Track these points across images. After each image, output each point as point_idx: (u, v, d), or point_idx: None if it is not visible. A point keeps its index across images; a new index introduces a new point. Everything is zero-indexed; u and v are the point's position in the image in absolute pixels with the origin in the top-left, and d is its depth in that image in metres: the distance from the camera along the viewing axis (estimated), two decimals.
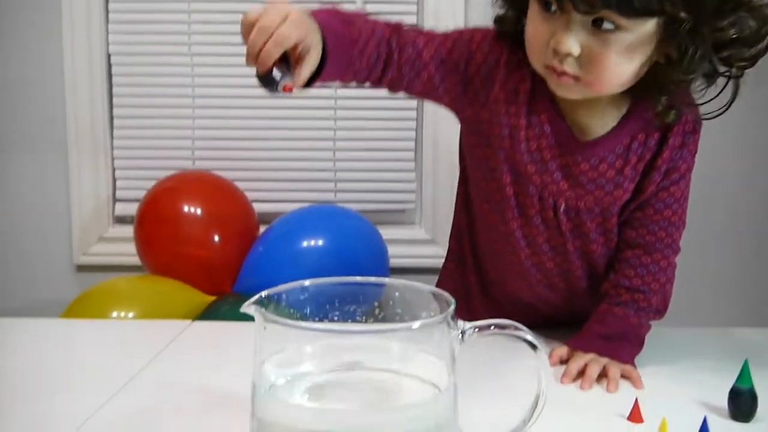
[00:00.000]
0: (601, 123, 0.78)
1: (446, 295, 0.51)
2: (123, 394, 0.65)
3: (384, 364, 0.51)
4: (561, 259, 0.83)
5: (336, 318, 0.56)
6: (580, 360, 0.73)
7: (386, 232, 1.56)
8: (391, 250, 1.54)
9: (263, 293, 0.51)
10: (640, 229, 0.80)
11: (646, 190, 0.79)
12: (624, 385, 0.72)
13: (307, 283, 0.55)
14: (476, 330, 0.49)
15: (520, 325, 0.49)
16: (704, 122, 0.78)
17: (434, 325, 0.47)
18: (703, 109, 0.76)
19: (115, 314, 1.21)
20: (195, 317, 1.22)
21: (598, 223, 0.81)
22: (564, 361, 0.76)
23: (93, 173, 1.71)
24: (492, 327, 0.49)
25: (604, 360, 0.74)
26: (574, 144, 0.78)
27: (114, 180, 1.73)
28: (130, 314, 1.22)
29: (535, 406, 0.49)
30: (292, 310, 0.54)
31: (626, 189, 0.79)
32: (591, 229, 0.80)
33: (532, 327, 0.51)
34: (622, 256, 0.81)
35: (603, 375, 0.72)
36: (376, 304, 0.60)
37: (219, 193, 1.50)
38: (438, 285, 0.95)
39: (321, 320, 0.55)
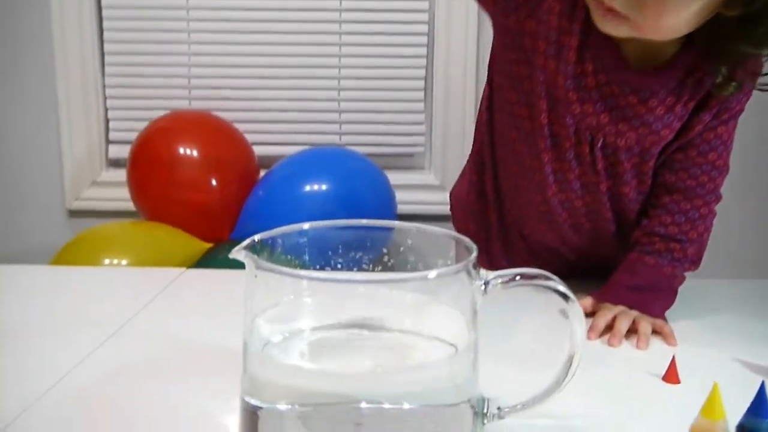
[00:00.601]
0: (656, 54, 0.70)
1: (466, 240, 0.44)
2: (109, 345, 0.61)
3: (394, 319, 0.45)
4: (591, 199, 0.76)
5: (339, 266, 0.50)
6: (607, 313, 0.68)
7: (394, 177, 1.50)
8: (399, 196, 1.48)
9: (256, 237, 0.45)
10: (680, 173, 0.74)
11: (692, 129, 0.72)
12: (655, 341, 0.66)
13: (306, 226, 0.49)
14: (501, 280, 0.42)
15: (550, 275, 0.43)
16: None
17: (453, 275, 0.41)
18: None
19: (107, 261, 1.16)
20: (191, 265, 1.16)
21: (634, 164, 0.74)
22: (588, 315, 0.71)
23: (84, 114, 1.64)
24: (518, 277, 0.43)
25: (634, 313, 0.68)
26: (624, 73, 0.70)
27: (107, 121, 1.66)
28: (123, 262, 1.17)
29: (569, 366, 0.43)
30: (289, 257, 0.47)
31: (673, 129, 0.72)
32: (626, 169, 0.74)
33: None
34: (659, 201, 0.75)
35: (632, 330, 0.67)
36: (385, 250, 0.54)
37: (217, 135, 1.44)
38: (455, 223, 0.90)
39: (322, 269, 0.49)
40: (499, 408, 0.44)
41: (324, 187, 1.30)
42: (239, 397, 0.43)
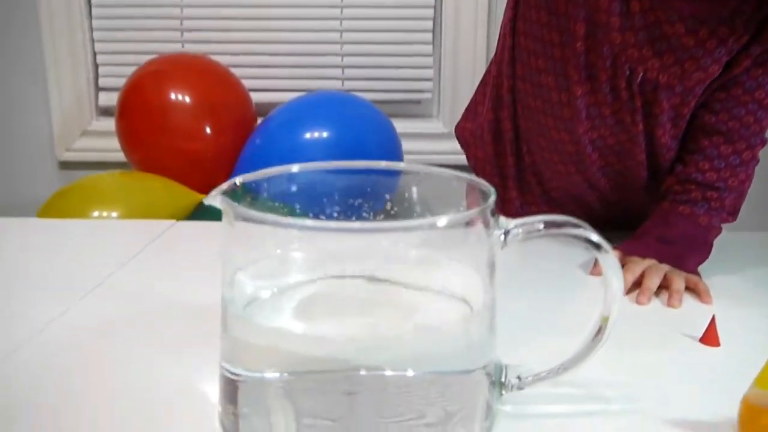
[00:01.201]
0: None
1: (482, 182, 0.38)
2: (86, 302, 0.57)
3: (398, 274, 0.39)
4: (625, 137, 0.70)
5: (336, 215, 0.44)
6: (636, 267, 0.62)
7: (400, 125, 1.42)
8: (406, 145, 1.41)
9: (237, 180, 0.39)
10: (721, 114, 0.67)
11: (739, 65, 0.64)
12: (687, 299, 0.60)
13: (296, 168, 0.43)
14: (523, 229, 0.36)
15: (579, 221, 0.37)
16: None
17: (468, 223, 0.35)
18: None
19: (96, 214, 1.11)
20: (184, 217, 1.11)
21: (673, 105, 0.67)
22: None
23: (71, 59, 1.56)
24: (543, 225, 0.37)
25: (665, 267, 0.62)
26: None
27: (96, 66, 1.58)
28: (113, 214, 1.11)
29: (603, 328, 0.37)
30: (276, 205, 0.42)
31: (722, 65, 0.64)
32: (663, 110, 0.67)
33: None
34: (696, 145, 0.68)
35: (663, 286, 0.61)
36: (388, 197, 0.48)
37: (211, 80, 1.36)
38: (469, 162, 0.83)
39: (315, 218, 0.43)
40: (519, 377, 0.39)
41: (325, 134, 1.23)
42: (219, 364, 0.38)
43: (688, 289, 0.61)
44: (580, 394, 0.42)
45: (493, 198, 0.36)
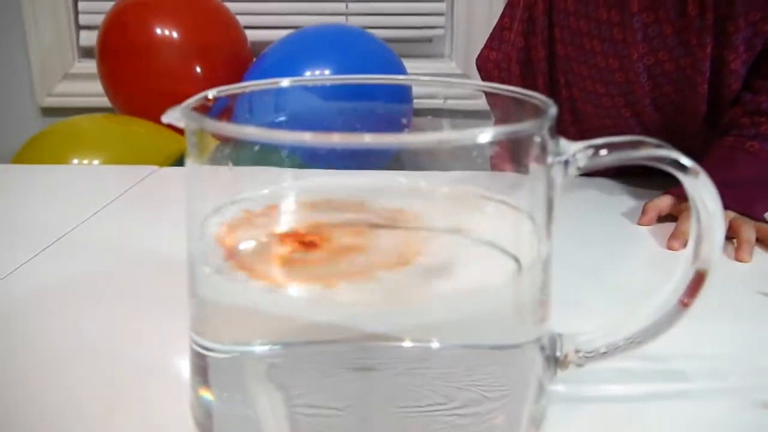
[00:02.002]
0: None
1: (535, 96, 0.29)
2: (53, 250, 0.51)
3: (423, 218, 0.30)
4: (688, 62, 0.60)
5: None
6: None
7: (410, 66, 1.32)
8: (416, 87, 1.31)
9: (208, 93, 0.30)
10: None
11: None
12: (758, 252, 0.51)
13: (285, 83, 0.34)
14: (592, 152, 0.27)
15: (661, 142, 0.28)
16: None
17: (518, 141, 0.25)
18: None
19: (75, 161, 1.02)
20: (171, 164, 1.02)
21: (752, 21, 0.57)
22: (666, 218, 0.56)
23: None
24: (612, 147, 0.27)
25: (730, 215, 0.53)
26: None
27: (75, 2, 1.47)
28: (95, 161, 1.02)
29: (697, 286, 0.28)
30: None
31: None
32: (740, 28, 0.57)
33: None
34: None
35: (728, 236, 0.52)
36: (404, 122, 0.40)
37: (202, 15, 1.26)
38: None
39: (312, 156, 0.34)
40: (578, 351, 0.30)
41: (327, 72, 1.13)
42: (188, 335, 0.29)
43: (758, 240, 0.52)
44: (653, 371, 0.34)
45: (553, 110, 0.26)
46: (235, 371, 0.27)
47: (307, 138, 0.24)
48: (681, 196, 0.57)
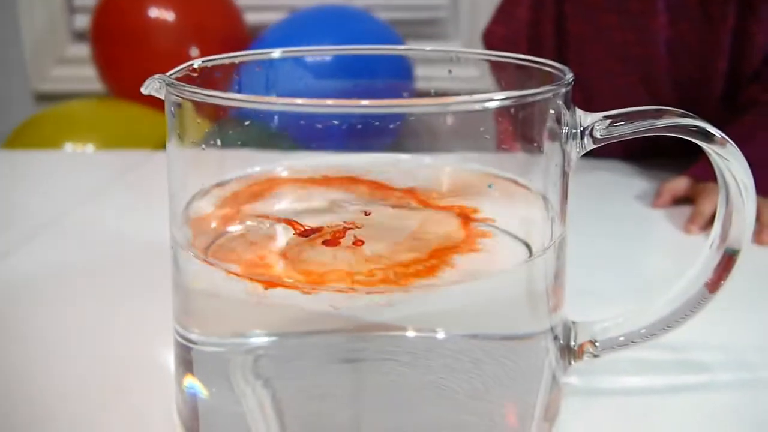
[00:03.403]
0: None
1: (549, 63, 0.27)
2: (42, 238, 0.49)
3: (430, 193, 0.28)
4: (709, 34, 0.57)
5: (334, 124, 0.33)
6: (713, 196, 0.50)
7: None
8: (419, 70, 1.28)
9: (193, 62, 0.29)
10: None
11: None
12: None
13: (277, 53, 0.32)
14: (610, 123, 0.25)
15: (682, 111, 0.25)
16: None
17: (532, 108, 0.23)
18: None
19: (69, 145, 1.00)
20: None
21: None
22: (683, 201, 0.54)
23: None
24: (635, 117, 0.25)
25: None
26: None
27: None
28: (88, 147, 1.01)
29: (726, 269, 0.26)
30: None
31: None
32: None
33: None
34: None
35: None
36: (406, 96, 0.38)
37: None
38: None
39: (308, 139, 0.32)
40: (593, 341, 0.28)
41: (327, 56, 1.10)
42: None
43: None
44: (673, 362, 0.32)
45: (570, 76, 0.24)
46: (221, 364, 0.25)
47: (299, 104, 0.22)
48: (698, 177, 0.55)
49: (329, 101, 0.21)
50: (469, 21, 1.45)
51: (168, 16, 1.17)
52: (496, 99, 0.22)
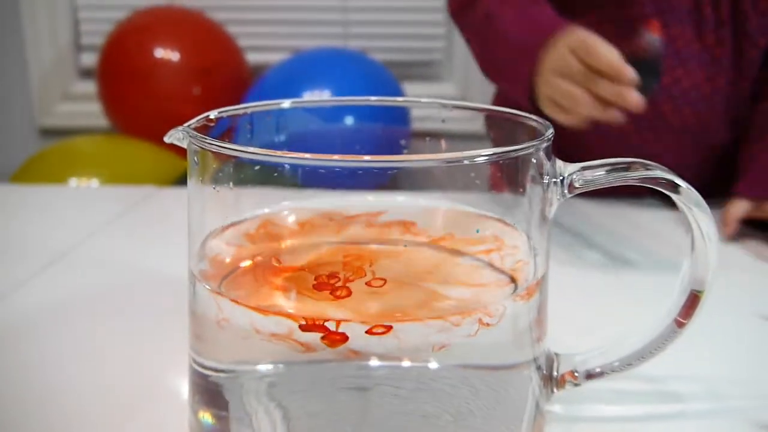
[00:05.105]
0: None
1: (533, 118, 0.29)
2: (51, 271, 0.51)
3: (422, 238, 0.31)
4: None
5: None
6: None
7: (409, 88, 1.33)
8: (414, 110, 1.32)
9: (210, 113, 0.31)
10: None
11: None
12: (758, 273, 0.52)
13: (287, 104, 0.35)
14: (586, 175, 0.28)
15: (651, 163, 0.28)
16: None
17: (516, 161, 0.26)
18: None
19: (74, 181, 1.03)
20: (170, 185, 1.03)
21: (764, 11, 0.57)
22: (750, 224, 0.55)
23: (49, 12, 1.47)
24: (609, 168, 0.28)
25: None
26: None
27: (77, 22, 1.49)
28: (93, 181, 1.03)
29: (693, 307, 0.28)
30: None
31: None
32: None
33: None
34: None
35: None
36: (402, 143, 0.40)
37: (202, 37, 1.27)
38: None
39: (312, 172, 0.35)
40: (574, 372, 0.31)
41: (326, 95, 1.14)
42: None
43: None
44: (649, 391, 0.34)
45: (550, 132, 0.27)
46: (234, 390, 0.27)
47: (307, 158, 0.24)
48: (756, 195, 0.54)
49: (334, 157, 0.24)
50: (463, 64, 1.49)
51: (173, 56, 1.21)
52: (484, 155, 0.24)
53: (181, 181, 1.11)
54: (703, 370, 0.36)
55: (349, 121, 0.41)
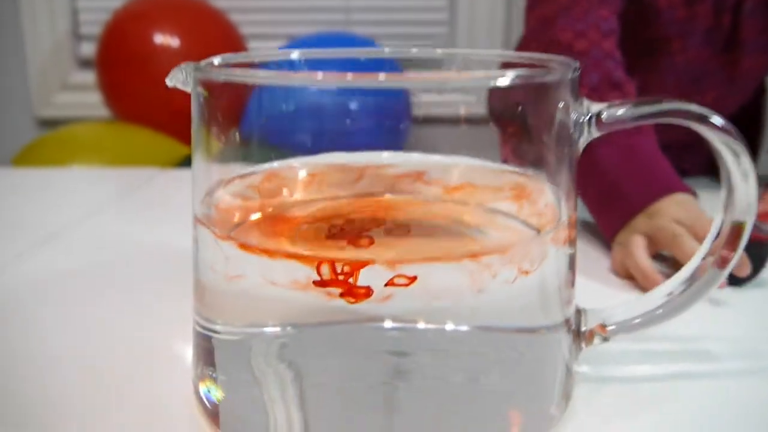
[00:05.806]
0: None
1: (557, 59, 0.28)
2: (53, 245, 0.50)
3: (436, 188, 0.29)
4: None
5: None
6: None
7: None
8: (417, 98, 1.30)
9: (213, 59, 0.30)
10: None
11: None
12: None
13: (294, 55, 0.33)
14: (614, 109, 0.26)
15: (685, 103, 0.26)
16: None
17: (542, 88, 0.25)
18: None
19: (74, 166, 1.01)
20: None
21: (762, 29, 0.56)
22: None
23: (47, 1, 1.45)
24: (637, 102, 0.26)
25: None
26: None
27: (75, 11, 1.47)
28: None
29: (730, 251, 0.27)
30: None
31: None
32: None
33: None
34: None
35: None
36: (401, 127, 0.39)
37: (201, 24, 1.25)
38: None
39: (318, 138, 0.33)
40: (603, 325, 0.29)
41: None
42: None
43: None
44: (680, 351, 0.33)
45: (577, 66, 0.26)
46: (242, 352, 0.26)
47: (320, 77, 0.23)
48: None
49: (348, 75, 0.23)
50: (467, 46, 1.48)
51: (173, 43, 1.19)
52: (508, 74, 0.23)
53: (182, 165, 1.09)
54: (735, 330, 0.35)
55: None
